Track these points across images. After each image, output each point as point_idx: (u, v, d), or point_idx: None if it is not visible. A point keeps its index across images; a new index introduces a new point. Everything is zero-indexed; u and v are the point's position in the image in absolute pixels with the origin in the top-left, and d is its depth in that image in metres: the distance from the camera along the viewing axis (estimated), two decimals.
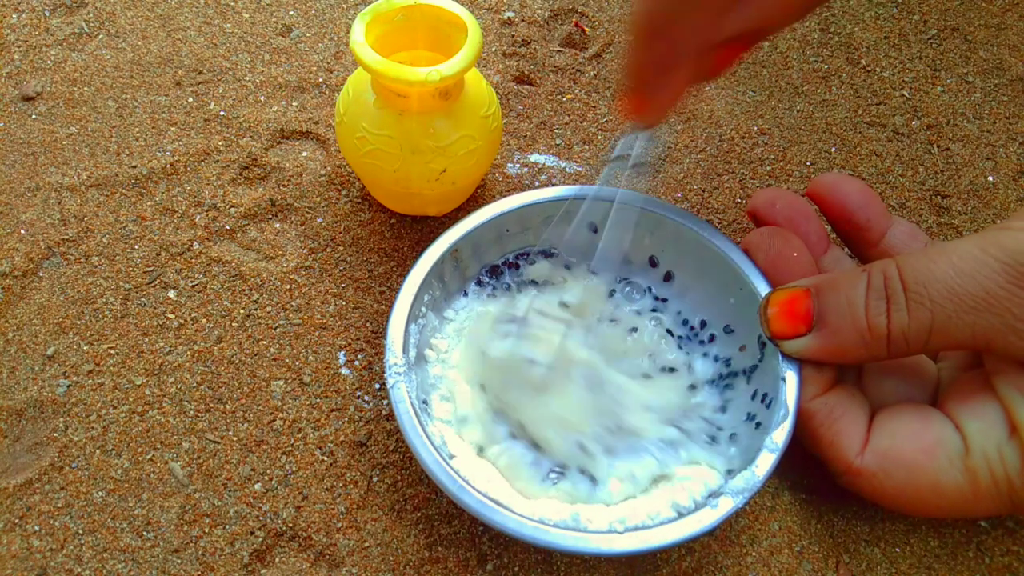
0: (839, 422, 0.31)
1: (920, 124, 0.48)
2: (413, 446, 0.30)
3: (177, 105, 0.46)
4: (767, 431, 0.31)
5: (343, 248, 0.41)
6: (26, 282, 0.39)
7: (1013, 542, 0.34)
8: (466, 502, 0.29)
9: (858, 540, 0.33)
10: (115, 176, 0.42)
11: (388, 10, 0.36)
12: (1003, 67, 0.51)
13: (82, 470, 0.33)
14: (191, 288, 0.39)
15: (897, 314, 0.29)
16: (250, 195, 0.42)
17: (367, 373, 0.37)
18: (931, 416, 0.31)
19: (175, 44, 0.49)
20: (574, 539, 0.28)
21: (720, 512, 0.29)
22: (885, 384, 0.33)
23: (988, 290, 0.27)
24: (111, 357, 0.36)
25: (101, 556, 0.31)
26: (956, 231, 0.43)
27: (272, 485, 0.33)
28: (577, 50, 0.51)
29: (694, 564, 0.32)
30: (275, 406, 0.35)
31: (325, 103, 0.46)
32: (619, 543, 0.28)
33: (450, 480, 0.29)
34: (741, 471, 0.30)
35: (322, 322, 0.38)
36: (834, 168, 0.46)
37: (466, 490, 0.29)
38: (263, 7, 0.51)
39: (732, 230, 0.43)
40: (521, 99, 0.48)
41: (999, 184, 0.46)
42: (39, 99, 0.45)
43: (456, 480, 0.29)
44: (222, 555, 0.32)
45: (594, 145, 0.46)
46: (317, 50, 0.49)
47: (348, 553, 0.32)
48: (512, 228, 0.37)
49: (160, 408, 0.35)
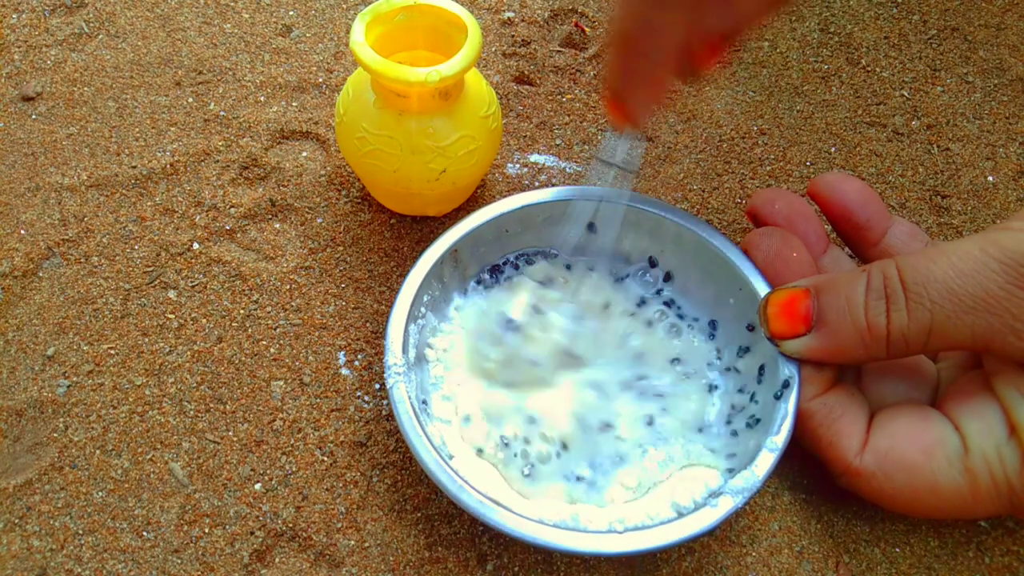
0: (838, 422, 0.31)
1: (920, 124, 0.48)
2: (413, 446, 0.30)
3: (177, 105, 0.46)
4: (767, 431, 0.31)
5: (343, 248, 0.41)
6: (26, 282, 0.39)
7: (1013, 542, 0.34)
8: (466, 502, 0.29)
9: (858, 540, 0.33)
10: (115, 176, 0.42)
11: (388, 10, 0.36)
12: (1003, 67, 0.51)
13: (82, 470, 0.33)
14: (191, 288, 0.39)
15: (896, 314, 0.29)
16: (250, 195, 0.42)
17: (367, 373, 0.37)
18: (930, 416, 0.31)
19: (175, 44, 0.49)
20: (574, 539, 0.28)
21: (720, 512, 0.29)
22: (884, 384, 0.33)
23: (987, 290, 0.27)
24: (111, 357, 0.36)
25: (101, 556, 0.31)
26: (956, 231, 0.43)
27: (272, 485, 0.33)
28: (577, 50, 0.51)
29: (694, 564, 0.32)
30: (275, 406, 0.35)
31: (325, 103, 0.46)
32: (619, 543, 0.28)
33: (450, 480, 0.29)
34: (741, 471, 0.30)
35: (322, 322, 0.38)
36: (834, 168, 0.46)
37: (466, 490, 0.29)
38: (263, 7, 0.51)
39: (732, 230, 0.43)
40: (521, 99, 0.48)
41: (999, 184, 0.46)
42: (39, 99, 0.45)
43: (456, 480, 0.29)
44: (222, 555, 0.32)
45: (594, 145, 0.46)
46: (317, 50, 0.49)
47: (348, 553, 0.32)
48: (512, 228, 0.37)
49: (160, 408, 0.35)
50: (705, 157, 0.46)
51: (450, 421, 0.34)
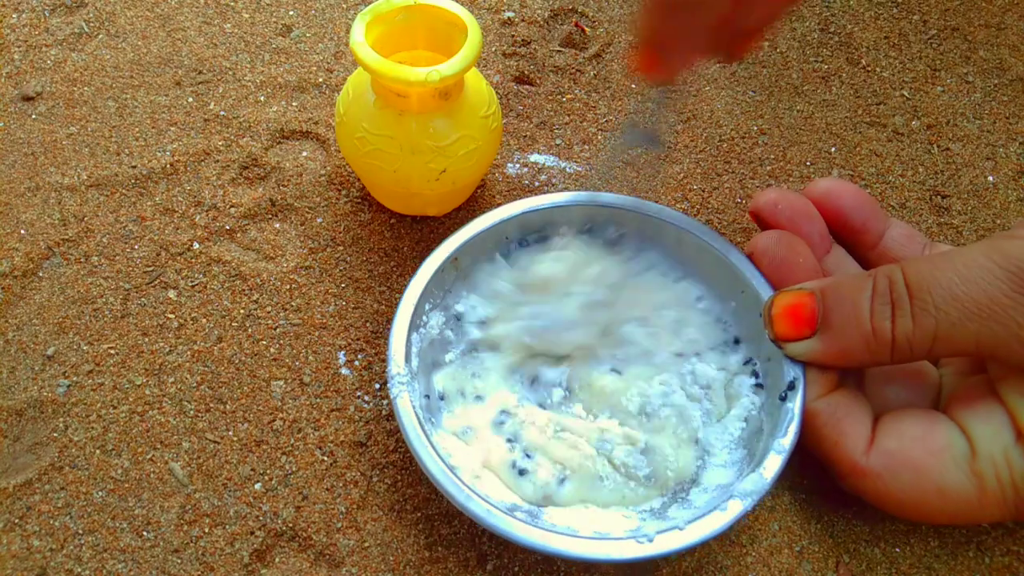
0: (843, 422, 0.31)
1: (920, 124, 0.48)
2: (419, 456, 0.30)
3: (177, 105, 0.46)
4: (773, 434, 0.31)
5: (343, 248, 0.41)
6: (26, 282, 0.39)
7: (1013, 542, 0.34)
8: (474, 512, 0.29)
9: (858, 540, 0.33)
10: (115, 176, 0.42)
11: (388, 10, 0.36)
12: (1003, 67, 0.51)
13: (82, 470, 0.33)
14: (191, 288, 0.39)
15: (902, 320, 0.29)
16: (250, 195, 0.42)
17: (367, 373, 0.37)
18: (937, 420, 0.31)
19: (175, 44, 0.49)
20: (582, 546, 0.28)
21: (729, 516, 0.29)
22: (887, 389, 0.33)
23: (992, 298, 0.27)
24: (111, 357, 0.36)
25: (101, 556, 0.31)
26: (956, 231, 0.43)
27: (272, 485, 0.33)
28: (577, 50, 0.51)
29: (694, 564, 0.32)
30: (275, 406, 0.35)
31: (325, 103, 0.46)
32: (628, 550, 0.28)
33: (457, 490, 0.29)
34: (749, 474, 0.30)
35: (322, 322, 0.38)
36: (834, 168, 0.46)
37: (473, 500, 0.29)
38: (263, 7, 0.51)
39: (732, 230, 0.43)
40: (521, 99, 0.48)
41: (999, 184, 0.46)
42: (39, 99, 0.45)
43: (463, 490, 0.29)
44: (222, 555, 0.32)
45: (594, 145, 0.46)
46: (317, 50, 0.49)
47: (348, 553, 0.32)
48: (512, 235, 0.37)
49: (160, 408, 0.35)
50: (705, 157, 0.46)
51: (455, 431, 0.33)
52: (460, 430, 0.33)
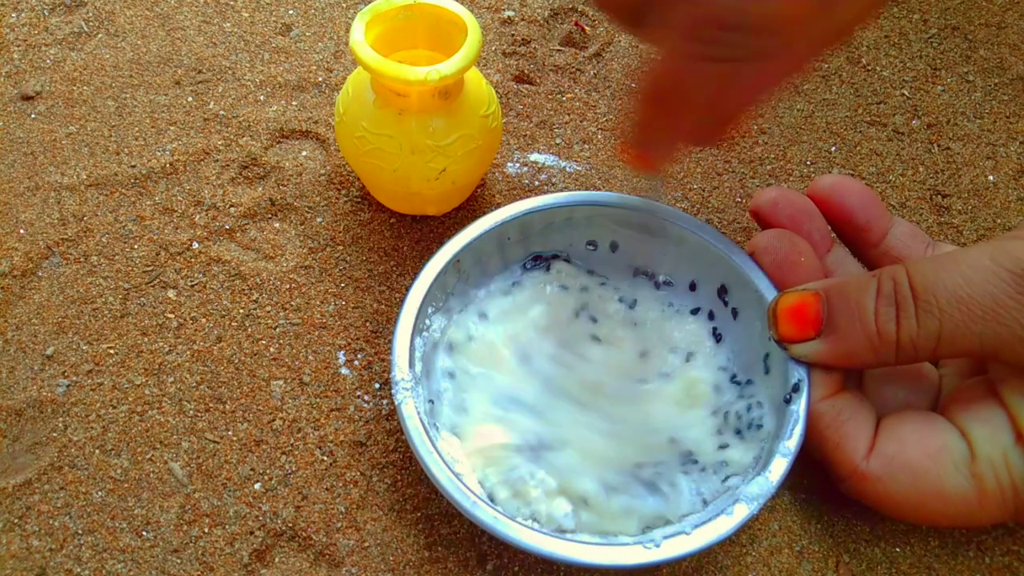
0: (846, 424, 0.31)
1: (920, 123, 0.48)
2: (424, 462, 0.30)
3: (176, 104, 0.46)
4: (778, 436, 0.31)
5: (343, 248, 0.41)
6: (25, 282, 0.38)
7: (1013, 542, 0.34)
8: (481, 519, 0.29)
9: (858, 540, 0.33)
10: (114, 176, 0.42)
11: (388, 9, 0.36)
12: (1004, 66, 0.51)
13: (81, 470, 0.33)
14: (191, 288, 0.39)
15: (906, 321, 0.29)
16: (250, 195, 0.42)
17: (367, 373, 0.37)
18: (937, 422, 0.31)
19: (174, 43, 0.49)
20: (590, 553, 0.28)
21: (735, 520, 0.29)
22: (886, 390, 0.33)
23: (997, 300, 0.27)
24: (111, 357, 0.36)
25: (100, 556, 0.31)
26: (956, 230, 0.43)
27: (272, 485, 0.33)
28: (577, 49, 0.51)
29: (694, 564, 0.32)
30: (275, 406, 0.35)
31: (325, 103, 0.46)
32: (636, 555, 0.28)
33: (463, 497, 0.29)
34: (755, 477, 0.30)
35: (322, 322, 0.38)
36: (834, 167, 0.46)
37: (480, 506, 0.29)
38: (263, 6, 0.51)
39: (732, 229, 0.43)
40: (521, 99, 0.48)
41: (999, 183, 0.45)
42: (38, 98, 0.45)
43: (469, 497, 0.29)
44: (222, 555, 0.32)
45: (594, 144, 0.46)
46: (317, 49, 0.49)
47: (348, 553, 0.32)
48: (513, 236, 0.37)
49: (160, 408, 0.35)
50: (705, 157, 0.46)
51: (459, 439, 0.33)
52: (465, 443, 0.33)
